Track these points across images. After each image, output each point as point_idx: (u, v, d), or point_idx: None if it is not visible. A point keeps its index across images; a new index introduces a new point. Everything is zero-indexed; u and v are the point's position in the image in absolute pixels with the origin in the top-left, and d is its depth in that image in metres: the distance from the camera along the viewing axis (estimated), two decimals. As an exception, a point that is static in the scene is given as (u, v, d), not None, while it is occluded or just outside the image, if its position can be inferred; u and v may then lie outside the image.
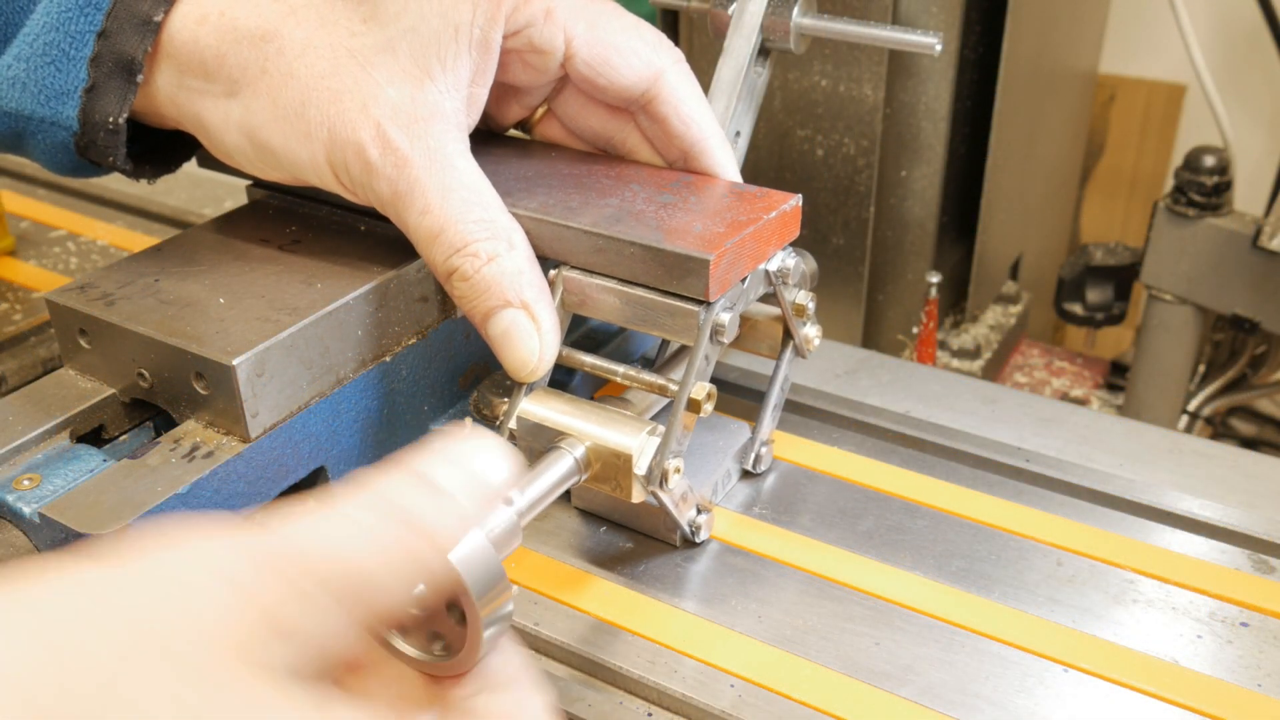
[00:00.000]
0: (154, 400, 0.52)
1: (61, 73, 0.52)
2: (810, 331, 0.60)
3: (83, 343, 0.53)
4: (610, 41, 0.54)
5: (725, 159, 0.57)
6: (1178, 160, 1.10)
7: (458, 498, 0.34)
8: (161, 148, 0.57)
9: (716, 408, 0.53)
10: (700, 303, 0.51)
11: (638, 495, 0.51)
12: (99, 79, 0.52)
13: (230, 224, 0.60)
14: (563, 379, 0.63)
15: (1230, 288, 1.08)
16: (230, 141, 0.52)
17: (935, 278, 1.00)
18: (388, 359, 0.56)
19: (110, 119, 0.52)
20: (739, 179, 0.58)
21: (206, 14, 0.51)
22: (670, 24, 1.01)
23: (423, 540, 0.33)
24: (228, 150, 0.53)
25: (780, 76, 0.96)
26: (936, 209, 1.01)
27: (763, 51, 0.66)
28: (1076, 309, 1.24)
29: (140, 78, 0.52)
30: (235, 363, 0.48)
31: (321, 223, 0.60)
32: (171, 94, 0.53)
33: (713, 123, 0.57)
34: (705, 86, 0.59)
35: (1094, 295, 1.23)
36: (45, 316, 0.71)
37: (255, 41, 0.51)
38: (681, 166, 0.58)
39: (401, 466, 0.34)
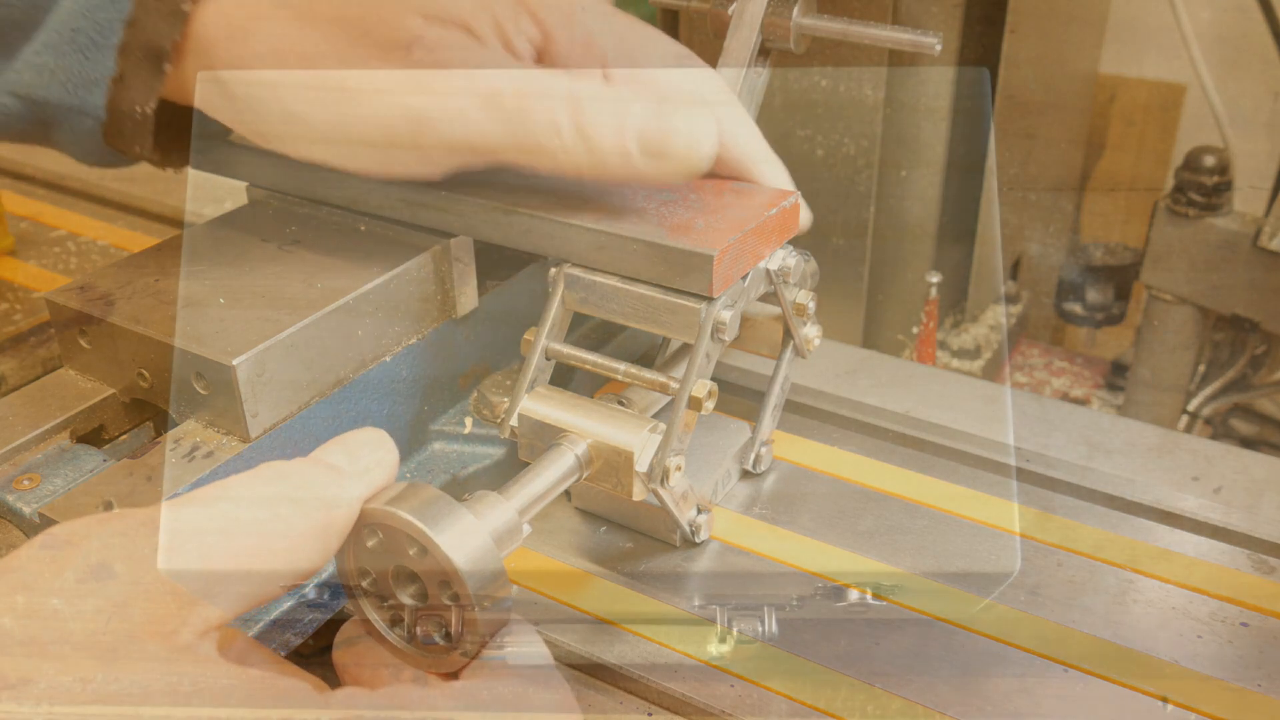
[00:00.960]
0: (154, 400, 0.52)
1: (90, 61, 0.51)
2: (810, 331, 0.60)
3: (83, 343, 0.53)
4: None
5: (774, 173, 0.56)
6: (1178, 160, 1.09)
7: (348, 472, 0.39)
8: (189, 135, 0.57)
9: (716, 407, 0.53)
10: (702, 299, 0.51)
11: (639, 493, 0.51)
12: (127, 68, 0.51)
13: (230, 224, 0.60)
14: (563, 377, 0.63)
15: (1230, 288, 1.08)
16: None
17: (935, 278, 1.00)
18: (388, 359, 0.56)
19: (138, 108, 0.52)
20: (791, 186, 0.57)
21: None
22: (670, 24, 1.01)
23: (318, 512, 0.37)
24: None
25: (780, 76, 0.96)
26: (936, 209, 1.01)
27: (763, 51, 0.66)
28: (1076, 309, 1.24)
29: (168, 66, 0.51)
30: (235, 363, 0.48)
31: (321, 223, 0.60)
32: None
33: (759, 143, 0.56)
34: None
35: (1094, 295, 1.23)
36: (45, 316, 0.71)
37: None
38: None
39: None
